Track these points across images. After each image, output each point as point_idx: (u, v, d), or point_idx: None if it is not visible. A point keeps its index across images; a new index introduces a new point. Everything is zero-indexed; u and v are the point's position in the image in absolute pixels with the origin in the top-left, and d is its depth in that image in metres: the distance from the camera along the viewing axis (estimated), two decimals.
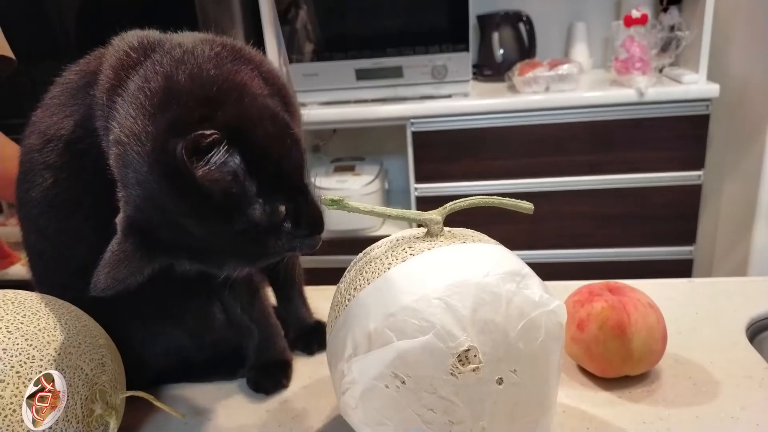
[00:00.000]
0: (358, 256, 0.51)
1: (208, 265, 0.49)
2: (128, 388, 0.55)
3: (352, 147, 2.16)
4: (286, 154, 0.48)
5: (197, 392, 0.64)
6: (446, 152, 1.75)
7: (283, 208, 0.47)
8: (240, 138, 0.45)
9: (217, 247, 0.47)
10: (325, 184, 1.87)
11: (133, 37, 0.53)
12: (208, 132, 0.43)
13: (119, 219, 0.47)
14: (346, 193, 1.82)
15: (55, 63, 0.60)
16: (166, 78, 0.47)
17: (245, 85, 0.49)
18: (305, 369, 0.66)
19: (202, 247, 0.47)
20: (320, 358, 0.68)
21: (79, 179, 0.56)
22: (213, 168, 0.43)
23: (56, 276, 0.60)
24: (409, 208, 0.45)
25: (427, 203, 1.79)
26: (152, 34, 0.54)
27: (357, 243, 0.55)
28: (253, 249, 0.48)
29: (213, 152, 0.43)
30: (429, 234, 0.49)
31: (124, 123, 0.46)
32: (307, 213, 0.48)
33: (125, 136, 0.46)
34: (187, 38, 0.52)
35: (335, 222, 1.85)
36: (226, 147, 0.44)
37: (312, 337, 0.69)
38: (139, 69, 0.49)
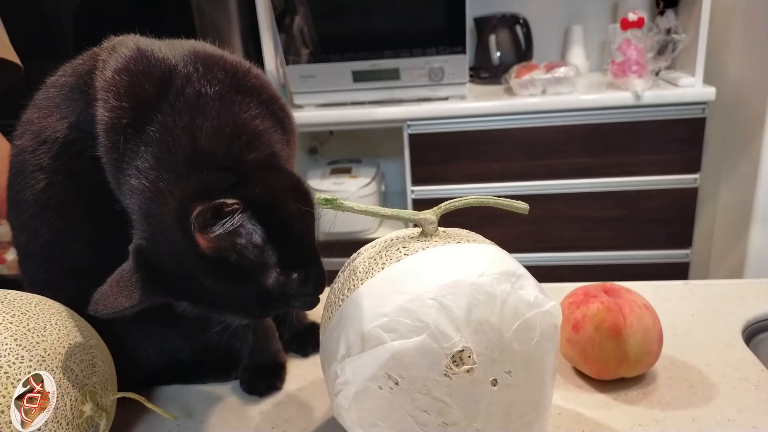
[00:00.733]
0: (352, 257, 0.51)
1: (210, 313, 0.50)
2: (120, 389, 0.54)
3: (348, 149, 2.16)
4: (306, 226, 0.49)
5: (190, 394, 0.63)
6: (443, 155, 1.75)
7: (296, 276, 0.48)
8: (265, 209, 0.45)
9: (223, 301, 0.48)
10: (322, 186, 1.86)
11: (129, 47, 0.52)
12: (230, 201, 0.43)
13: (133, 247, 0.47)
14: (343, 195, 1.81)
15: (52, 63, 0.59)
16: (189, 134, 0.47)
17: (270, 145, 0.50)
18: (299, 371, 0.65)
19: (210, 300, 0.48)
20: (314, 360, 0.67)
21: (73, 182, 0.55)
22: (226, 234, 0.44)
23: (48, 276, 0.60)
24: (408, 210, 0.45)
25: (423, 206, 1.77)
26: (147, 42, 0.53)
27: (353, 245, 0.54)
28: (258, 308, 0.49)
29: (228, 218, 0.43)
30: (424, 234, 0.48)
31: (146, 174, 0.46)
32: (315, 277, 0.50)
33: (147, 188, 0.46)
34: (184, 52, 0.51)
35: (330, 224, 1.83)
36: (249, 215, 0.45)
37: (306, 338, 0.69)
38: (153, 110, 0.48)
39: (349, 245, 0.56)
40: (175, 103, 0.48)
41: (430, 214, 0.48)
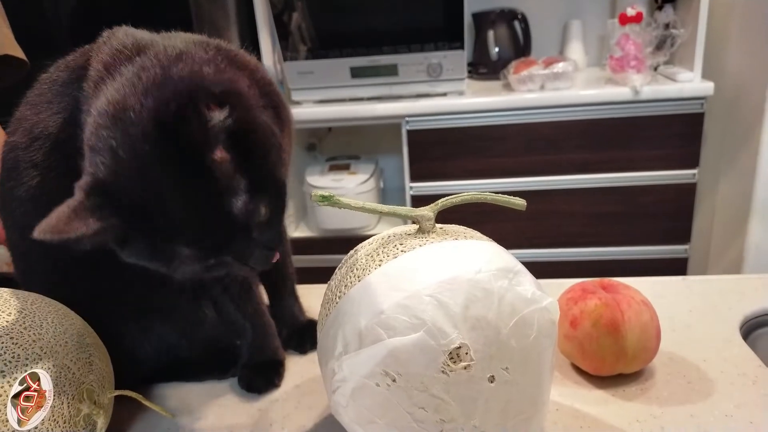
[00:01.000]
0: (349, 254, 0.51)
1: (160, 249, 0.47)
2: (117, 387, 0.54)
3: (347, 145, 2.15)
4: (276, 168, 0.49)
5: (188, 391, 0.63)
6: (441, 151, 1.75)
7: (264, 210, 0.47)
8: (238, 137, 0.45)
9: (185, 223, 0.45)
10: (320, 182, 1.86)
11: (123, 34, 0.53)
12: (221, 108, 0.43)
13: (82, 182, 0.45)
14: (342, 192, 1.81)
15: (50, 60, 0.59)
16: (164, 69, 0.46)
17: (243, 95, 0.49)
18: (297, 368, 0.65)
19: (167, 223, 0.45)
20: (312, 357, 0.67)
21: (67, 179, 0.55)
22: (203, 134, 0.43)
23: (42, 275, 0.60)
24: (406, 207, 0.45)
25: (422, 202, 1.78)
26: (143, 33, 0.53)
27: (351, 242, 0.54)
28: (216, 242, 0.47)
29: (210, 120, 0.43)
30: (420, 231, 0.48)
31: (114, 96, 0.46)
32: (277, 225, 0.49)
33: (114, 104, 0.45)
34: (180, 39, 0.52)
35: (329, 221, 1.85)
36: (227, 132, 0.44)
37: (305, 335, 0.69)
38: (134, 61, 0.48)
39: (347, 242, 0.56)
40: (158, 55, 0.48)
41: (427, 211, 0.48)
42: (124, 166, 0.44)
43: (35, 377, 0.45)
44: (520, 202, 0.48)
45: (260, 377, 0.63)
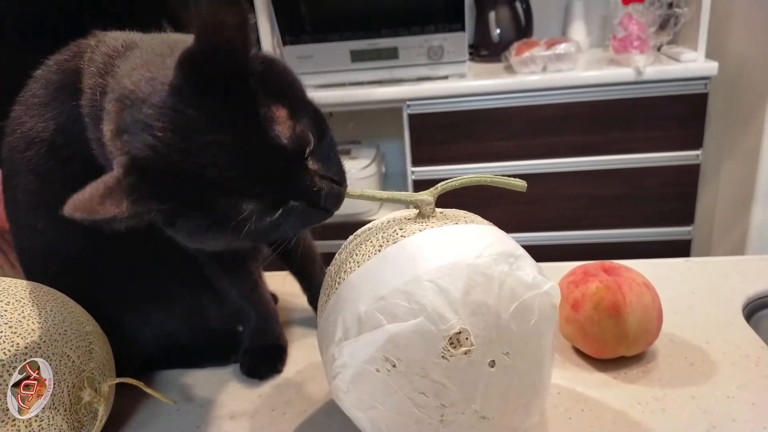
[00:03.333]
0: (348, 239, 0.51)
1: (219, 216, 0.42)
2: (118, 375, 0.54)
3: (348, 130, 2.14)
4: (306, 94, 0.47)
5: (189, 378, 0.63)
6: (443, 134, 1.74)
7: (311, 136, 0.44)
8: (263, 70, 0.43)
9: (239, 171, 0.41)
10: None
11: (112, 38, 0.51)
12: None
13: (117, 161, 0.42)
14: None
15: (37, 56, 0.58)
16: (170, 47, 0.45)
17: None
18: (298, 353, 0.65)
19: (221, 179, 0.41)
20: (314, 343, 0.66)
21: (65, 185, 0.54)
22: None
23: (45, 266, 0.60)
24: (406, 192, 0.44)
25: (424, 186, 1.76)
26: (130, 34, 0.52)
27: (352, 227, 0.53)
28: (277, 179, 0.42)
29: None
30: (420, 215, 0.48)
31: (127, 81, 0.43)
32: (331, 152, 0.46)
33: (131, 84, 0.43)
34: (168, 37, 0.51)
35: None
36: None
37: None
38: (133, 53, 0.47)
39: (349, 227, 0.56)
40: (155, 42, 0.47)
41: (427, 195, 0.47)
42: (160, 133, 0.41)
43: (35, 366, 0.45)
44: (521, 183, 0.47)
45: (263, 363, 0.63)
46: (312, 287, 0.70)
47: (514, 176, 0.47)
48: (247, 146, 0.41)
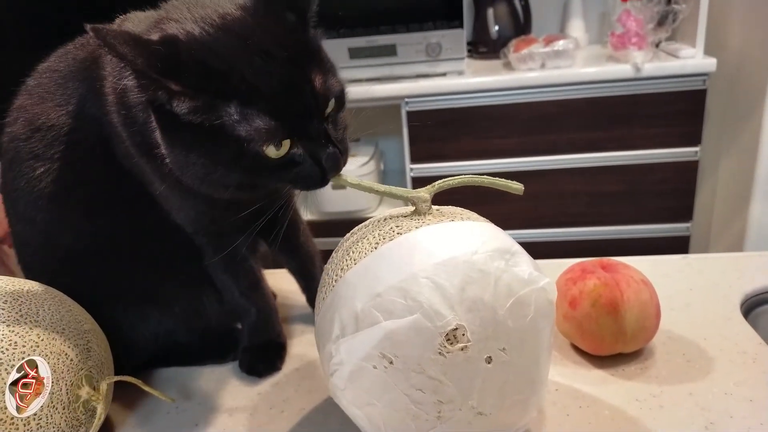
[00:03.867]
0: (345, 237, 0.51)
1: (236, 124, 0.43)
2: (116, 373, 0.54)
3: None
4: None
5: (188, 376, 0.63)
6: (442, 132, 1.73)
7: (334, 100, 0.47)
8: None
9: (269, 87, 0.43)
10: None
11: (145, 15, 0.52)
12: None
13: (154, 34, 0.43)
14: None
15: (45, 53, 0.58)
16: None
17: None
18: (297, 351, 0.65)
19: (247, 85, 0.42)
20: (312, 340, 0.67)
21: (69, 170, 0.55)
22: None
23: (44, 264, 0.60)
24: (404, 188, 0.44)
25: (423, 184, 1.75)
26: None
27: (351, 225, 0.53)
28: (296, 108, 0.44)
29: None
30: (417, 212, 0.48)
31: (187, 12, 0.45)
32: (344, 125, 0.50)
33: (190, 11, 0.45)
34: None
35: (329, 204, 1.84)
36: None
37: None
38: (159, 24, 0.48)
39: (347, 224, 0.55)
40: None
41: (424, 192, 0.47)
42: (211, 29, 0.43)
43: (33, 364, 0.45)
44: (518, 186, 0.47)
45: (262, 360, 0.63)
46: (311, 287, 0.70)
47: (513, 173, 0.48)
48: (285, 70, 0.43)
